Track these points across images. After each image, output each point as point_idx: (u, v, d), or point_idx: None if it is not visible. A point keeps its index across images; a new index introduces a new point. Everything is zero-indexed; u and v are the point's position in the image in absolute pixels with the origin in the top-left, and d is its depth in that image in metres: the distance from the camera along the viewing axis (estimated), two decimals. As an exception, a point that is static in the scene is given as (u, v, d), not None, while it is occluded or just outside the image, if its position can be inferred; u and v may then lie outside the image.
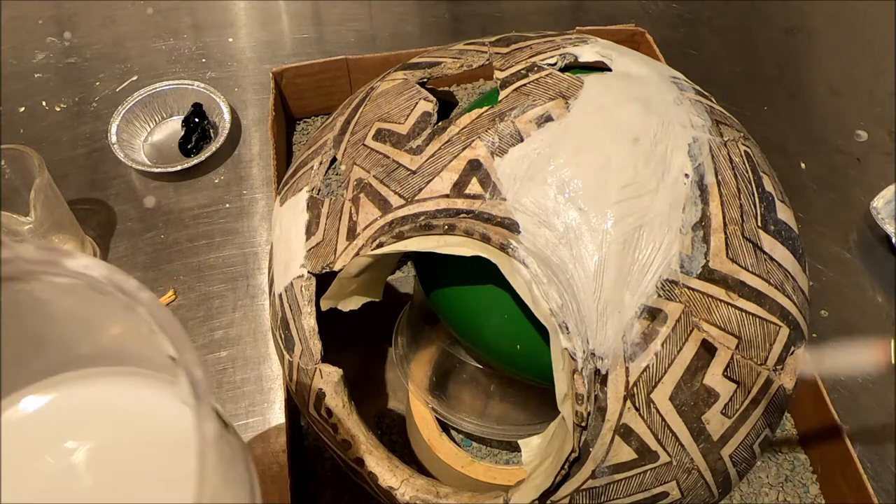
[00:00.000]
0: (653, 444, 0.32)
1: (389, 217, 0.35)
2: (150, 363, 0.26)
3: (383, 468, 0.37)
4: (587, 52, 0.38)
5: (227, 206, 0.62)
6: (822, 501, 0.48)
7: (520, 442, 0.41)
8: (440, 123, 0.36)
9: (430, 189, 0.35)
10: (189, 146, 0.64)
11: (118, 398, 0.27)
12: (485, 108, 0.35)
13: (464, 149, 0.35)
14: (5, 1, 0.77)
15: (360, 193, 0.36)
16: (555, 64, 0.37)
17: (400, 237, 0.34)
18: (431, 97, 0.37)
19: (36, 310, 0.24)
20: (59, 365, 0.26)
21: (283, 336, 0.39)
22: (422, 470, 0.45)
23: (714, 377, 0.32)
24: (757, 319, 0.33)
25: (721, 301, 0.33)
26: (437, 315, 0.41)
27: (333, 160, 0.39)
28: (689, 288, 0.32)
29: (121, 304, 0.21)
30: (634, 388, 0.32)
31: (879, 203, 0.60)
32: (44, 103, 0.69)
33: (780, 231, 0.36)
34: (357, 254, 0.35)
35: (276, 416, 0.50)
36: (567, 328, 0.30)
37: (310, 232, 0.38)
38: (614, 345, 0.32)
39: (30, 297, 0.23)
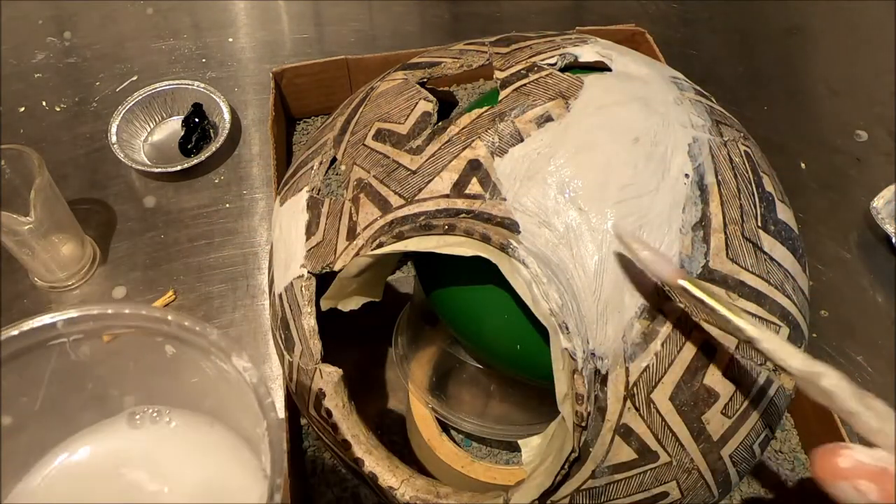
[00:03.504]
0: (653, 444, 0.32)
1: (389, 217, 0.35)
2: (243, 436, 0.32)
3: (383, 468, 0.37)
4: (587, 52, 0.38)
5: (227, 206, 0.62)
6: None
7: (520, 442, 0.41)
8: (440, 123, 0.36)
9: (430, 189, 0.35)
10: (189, 146, 0.64)
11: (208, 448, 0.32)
12: (485, 108, 0.35)
13: (464, 149, 0.34)
14: (5, 1, 0.77)
15: (360, 193, 0.36)
16: (555, 64, 0.37)
17: (400, 237, 0.34)
18: (431, 97, 0.37)
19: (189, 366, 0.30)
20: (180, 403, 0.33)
21: (283, 336, 0.39)
22: (422, 470, 0.45)
23: (714, 377, 0.32)
24: (757, 319, 0.33)
25: (721, 301, 0.33)
26: (437, 315, 0.41)
27: (333, 160, 0.39)
28: (689, 288, 0.32)
29: (251, 402, 0.27)
30: (634, 388, 0.32)
31: (879, 203, 0.60)
32: (44, 103, 0.69)
33: (780, 231, 0.36)
34: (357, 254, 0.35)
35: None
36: (567, 328, 0.30)
37: (310, 232, 0.38)
38: (614, 345, 0.32)
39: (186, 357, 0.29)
